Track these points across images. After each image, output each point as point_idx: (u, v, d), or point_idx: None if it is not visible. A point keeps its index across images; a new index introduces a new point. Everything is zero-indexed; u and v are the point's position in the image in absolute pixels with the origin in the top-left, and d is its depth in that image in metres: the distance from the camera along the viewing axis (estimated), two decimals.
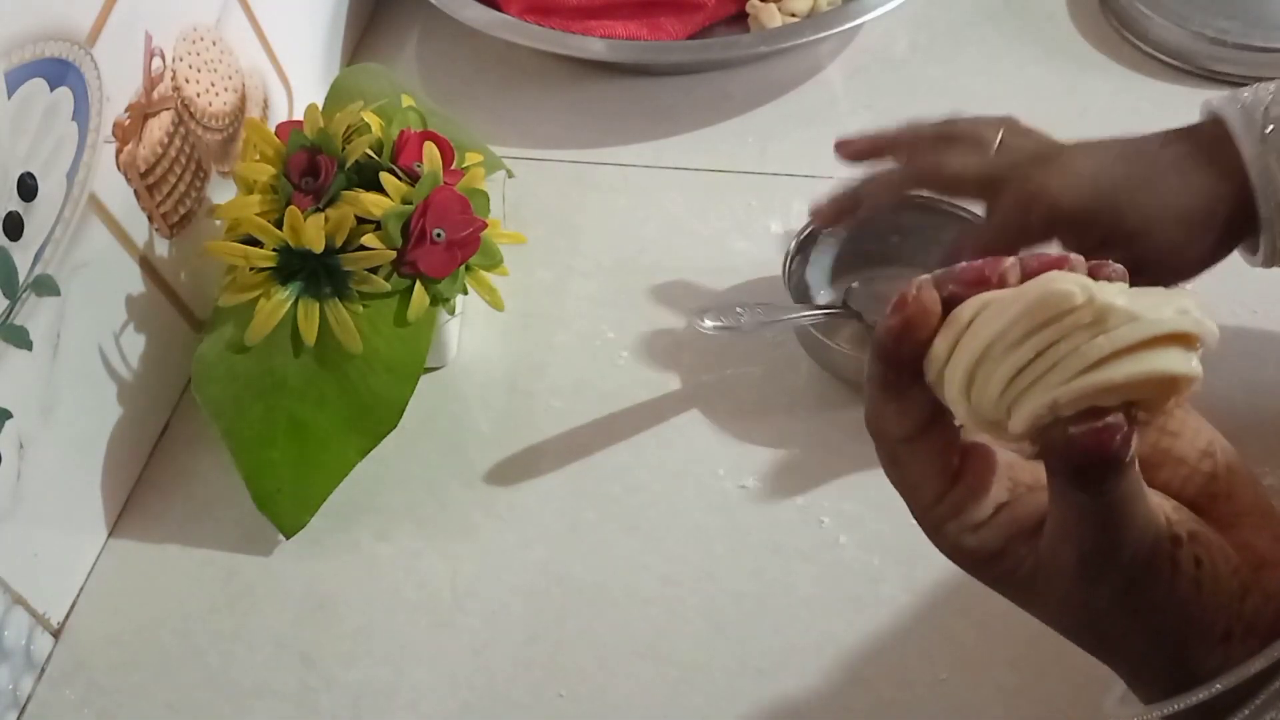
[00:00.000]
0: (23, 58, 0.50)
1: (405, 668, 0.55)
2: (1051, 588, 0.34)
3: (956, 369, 0.32)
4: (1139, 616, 0.34)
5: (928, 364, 0.34)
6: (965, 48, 0.81)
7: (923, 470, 0.35)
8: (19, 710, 0.55)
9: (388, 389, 0.58)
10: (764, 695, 0.53)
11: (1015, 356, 0.31)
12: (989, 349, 0.31)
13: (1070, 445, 0.30)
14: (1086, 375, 0.30)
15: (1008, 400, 0.31)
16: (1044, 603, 0.35)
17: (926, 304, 0.34)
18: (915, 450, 0.35)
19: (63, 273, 0.54)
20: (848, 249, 0.66)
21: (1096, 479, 0.31)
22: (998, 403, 0.31)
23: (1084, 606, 0.34)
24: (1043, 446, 0.31)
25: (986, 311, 0.32)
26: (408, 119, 0.61)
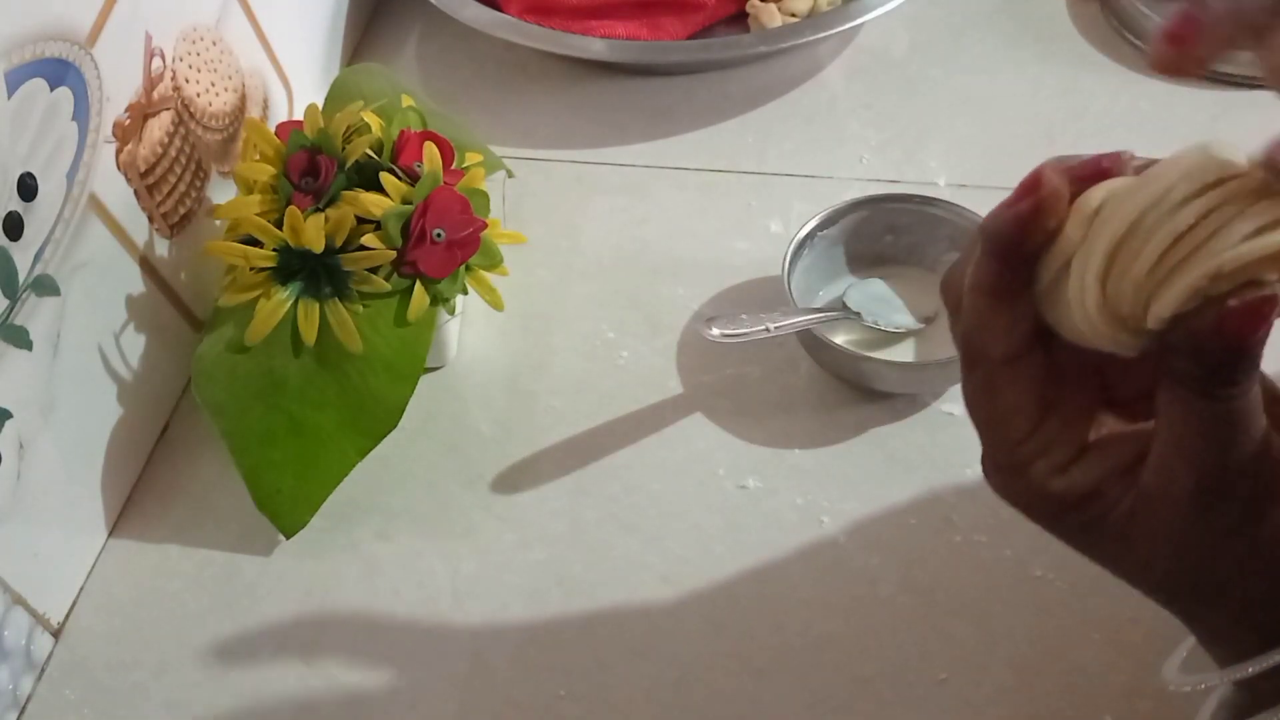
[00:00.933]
0: (23, 58, 0.50)
1: (405, 668, 0.55)
2: (1155, 526, 0.32)
3: (1095, 250, 0.29)
4: (1258, 551, 0.31)
5: (1043, 266, 0.31)
6: (965, 48, 0.81)
7: (1018, 398, 0.33)
8: (19, 710, 0.55)
9: (388, 389, 0.58)
10: (764, 695, 0.53)
11: (1174, 222, 0.28)
12: (1140, 220, 0.28)
13: (1222, 325, 0.28)
14: (1257, 239, 0.27)
15: (1157, 277, 0.28)
16: (1141, 547, 0.32)
17: (1060, 188, 0.31)
18: (1016, 373, 0.33)
19: (63, 273, 0.54)
20: (845, 249, 0.66)
21: (1230, 375, 0.29)
22: (1144, 283, 0.28)
23: (1194, 544, 0.32)
24: (1180, 339, 0.29)
25: (1123, 193, 0.29)
26: (408, 119, 0.61)
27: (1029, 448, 0.33)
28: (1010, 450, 0.34)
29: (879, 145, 0.75)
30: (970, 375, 0.34)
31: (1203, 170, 0.28)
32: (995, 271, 0.32)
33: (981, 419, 0.34)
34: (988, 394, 0.34)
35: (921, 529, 0.57)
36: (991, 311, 0.32)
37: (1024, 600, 0.55)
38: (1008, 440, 0.34)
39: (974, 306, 0.33)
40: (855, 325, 0.63)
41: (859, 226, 0.65)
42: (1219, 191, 0.28)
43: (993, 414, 0.34)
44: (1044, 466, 0.33)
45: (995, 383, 0.33)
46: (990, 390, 0.34)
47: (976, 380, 0.34)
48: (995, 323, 0.33)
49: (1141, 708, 0.51)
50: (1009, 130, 0.75)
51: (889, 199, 0.65)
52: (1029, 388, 0.33)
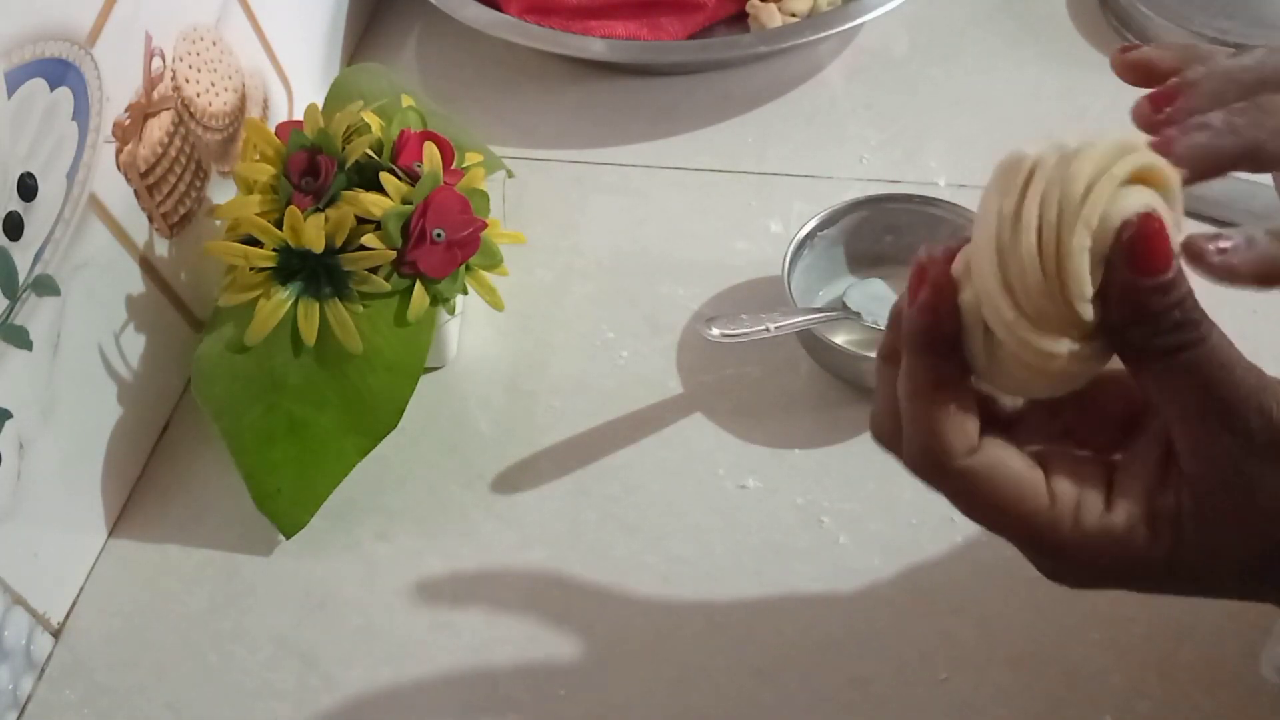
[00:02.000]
0: (23, 58, 0.50)
1: (405, 668, 0.55)
2: (1225, 502, 0.32)
3: (991, 291, 0.31)
4: None
5: (970, 348, 0.33)
6: (965, 48, 0.81)
7: (1015, 479, 0.33)
8: (19, 710, 0.55)
9: (388, 389, 0.58)
10: (764, 695, 0.53)
11: (1023, 226, 0.30)
12: (999, 245, 0.31)
13: (1132, 260, 0.30)
14: (1094, 189, 0.30)
15: (1049, 268, 0.30)
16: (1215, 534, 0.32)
17: (939, 261, 0.33)
18: (991, 460, 0.33)
19: (63, 273, 0.54)
20: (845, 249, 0.66)
21: (1181, 315, 0.30)
22: (1046, 284, 0.31)
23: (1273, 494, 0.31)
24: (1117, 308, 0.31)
25: (976, 240, 0.32)
26: (408, 119, 0.61)
27: (1061, 510, 0.33)
28: (1050, 525, 0.33)
29: (879, 145, 0.75)
30: (951, 489, 0.34)
31: (1006, 176, 0.31)
32: (930, 365, 0.33)
33: (999, 522, 0.34)
34: (983, 495, 0.34)
35: (921, 529, 0.57)
36: (940, 409, 0.33)
37: (1024, 600, 0.55)
38: (1038, 518, 0.33)
39: (920, 415, 0.34)
40: (855, 325, 0.63)
41: (859, 226, 0.65)
42: (1037, 183, 0.31)
43: (1003, 508, 0.34)
44: (1092, 518, 0.33)
45: (979, 479, 0.33)
46: (981, 490, 0.34)
47: (959, 488, 0.34)
48: (948, 421, 0.33)
49: (1141, 708, 0.51)
50: (1009, 130, 0.75)
51: (889, 199, 0.65)
52: (1015, 463, 0.34)
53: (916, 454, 0.35)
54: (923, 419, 0.34)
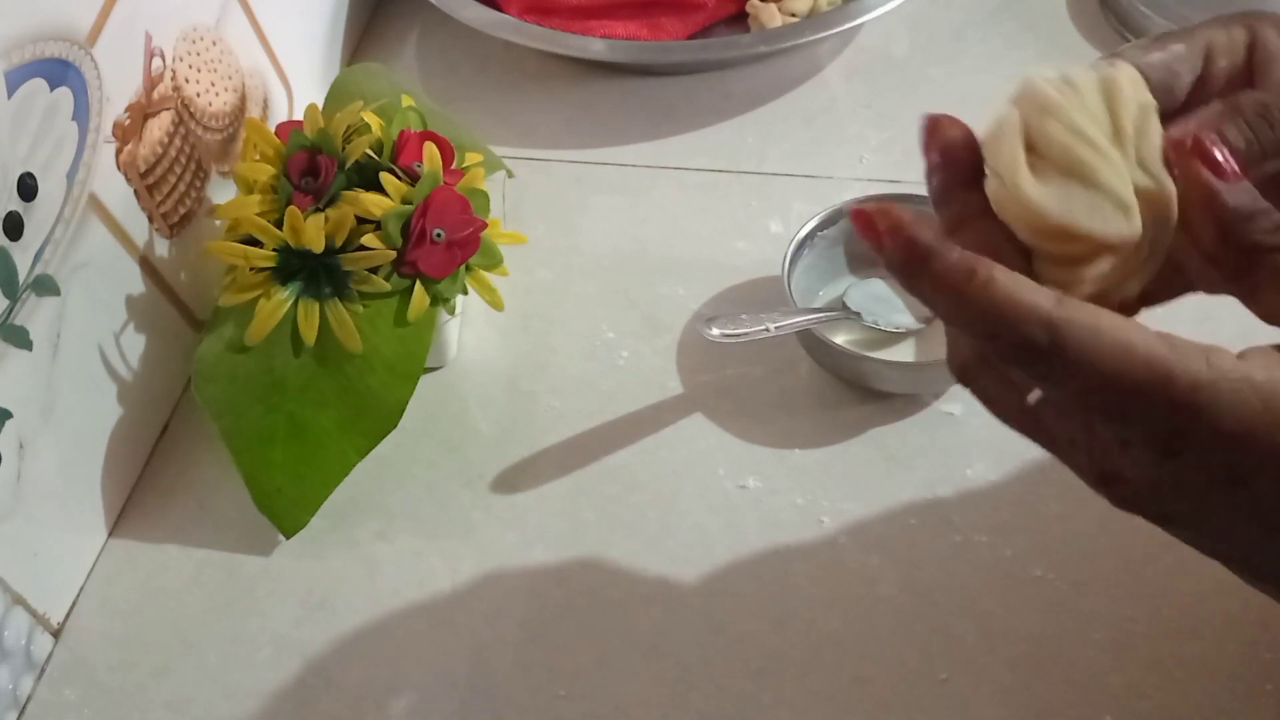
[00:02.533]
0: (23, 58, 0.50)
1: (405, 668, 0.55)
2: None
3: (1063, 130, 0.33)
4: None
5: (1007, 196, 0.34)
6: (965, 48, 0.81)
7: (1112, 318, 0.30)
8: (19, 710, 0.55)
9: (388, 389, 0.58)
10: (764, 695, 0.53)
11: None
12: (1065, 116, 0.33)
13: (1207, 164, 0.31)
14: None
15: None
16: None
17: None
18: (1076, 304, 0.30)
19: (63, 273, 0.54)
20: (845, 249, 0.66)
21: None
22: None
23: None
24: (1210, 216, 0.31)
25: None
26: (408, 119, 0.61)
27: (1187, 351, 0.30)
28: (1182, 364, 0.29)
29: (879, 145, 0.75)
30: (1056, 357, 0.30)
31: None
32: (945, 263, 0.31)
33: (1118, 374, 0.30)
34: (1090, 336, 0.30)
35: (921, 529, 0.57)
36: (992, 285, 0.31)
37: (1024, 600, 0.55)
38: (1165, 358, 0.29)
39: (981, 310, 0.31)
40: (855, 325, 0.63)
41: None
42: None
43: (1120, 348, 0.30)
44: (1227, 361, 0.29)
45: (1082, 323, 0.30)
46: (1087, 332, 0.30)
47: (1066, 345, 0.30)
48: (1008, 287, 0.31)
49: (1141, 708, 0.51)
50: None
51: (889, 199, 0.65)
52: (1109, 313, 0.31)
53: (1009, 349, 0.31)
54: (988, 307, 0.31)
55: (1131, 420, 0.31)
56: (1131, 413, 0.30)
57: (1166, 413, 0.30)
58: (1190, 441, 0.30)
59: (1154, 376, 0.29)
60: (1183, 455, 0.31)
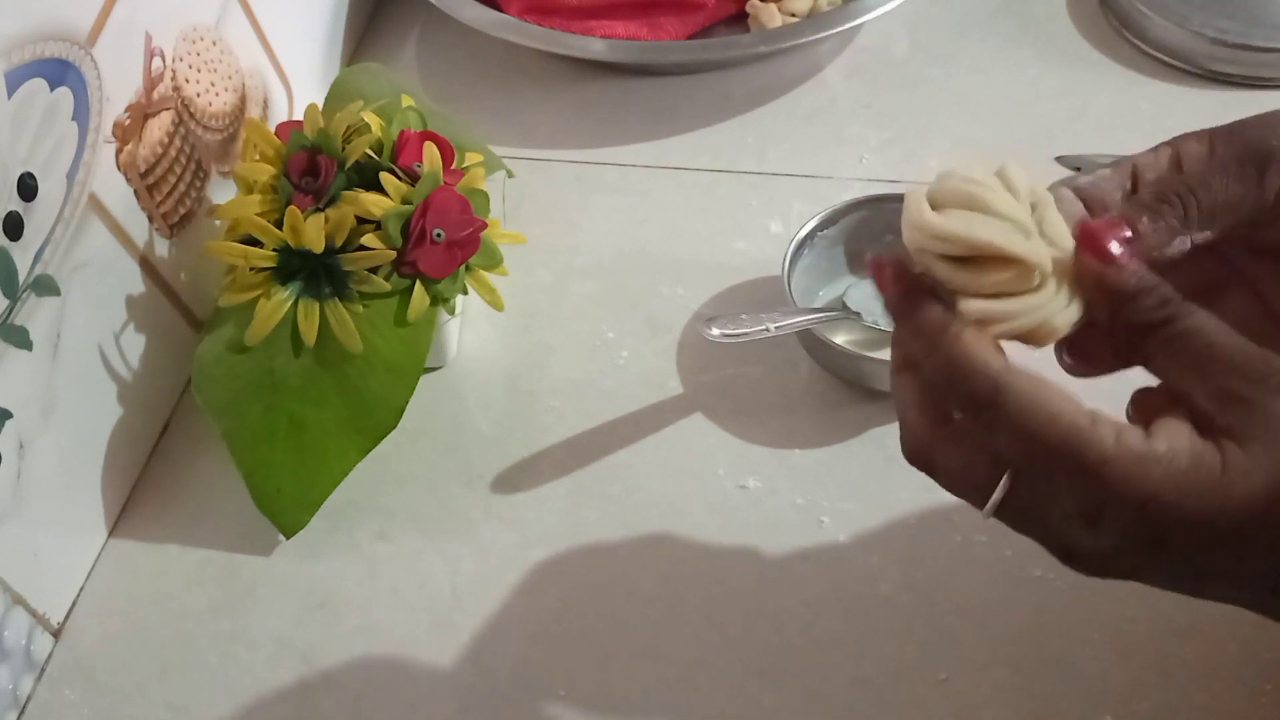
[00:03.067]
0: (23, 58, 0.50)
1: (405, 668, 0.55)
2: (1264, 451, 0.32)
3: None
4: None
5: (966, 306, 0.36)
6: (965, 48, 0.81)
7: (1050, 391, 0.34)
8: (19, 710, 0.55)
9: (388, 389, 0.58)
10: (764, 695, 0.53)
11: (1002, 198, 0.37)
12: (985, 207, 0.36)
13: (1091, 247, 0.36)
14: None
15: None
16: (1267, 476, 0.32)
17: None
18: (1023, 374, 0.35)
19: (63, 273, 0.54)
20: (845, 249, 0.66)
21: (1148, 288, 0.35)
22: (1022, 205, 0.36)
23: None
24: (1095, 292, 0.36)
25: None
26: (408, 119, 0.61)
27: (1104, 429, 0.33)
28: (1095, 439, 0.33)
29: (879, 145, 0.75)
30: (993, 412, 0.35)
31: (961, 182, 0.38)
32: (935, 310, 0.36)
33: (1041, 441, 0.34)
34: (1024, 410, 0.34)
35: (921, 529, 0.57)
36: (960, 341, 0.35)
37: (1024, 600, 0.55)
38: (1081, 434, 0.33)
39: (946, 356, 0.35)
40: (855, 325, 0.63)
41: (859, 226, 0.65)
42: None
43: (1046, 423, 0.34)
44: (1135, 438, 0.33)
45: (1019, 393, 0.34)
46: (1022, 404, 0.34)
47: (1005, 404, 0.34)
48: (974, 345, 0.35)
49: (1141, 708, 0.51)
50: (1009, 130, 0.75)
51: (889, 199, 0.65)
52: (1050, 387, 0.35)
53: (960, 398, 0.36)
54: (952, 357, 0.35)
55: (1056, 485, 0.35)
56: (1055, 476, 0.35)
57: (1082, 481, 0.34)
58: (1107, 511, 0.34)
59: (1070, 444, 0.33)
60: (1103, 524, 0.34)
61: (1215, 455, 0.33)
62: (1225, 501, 0.33)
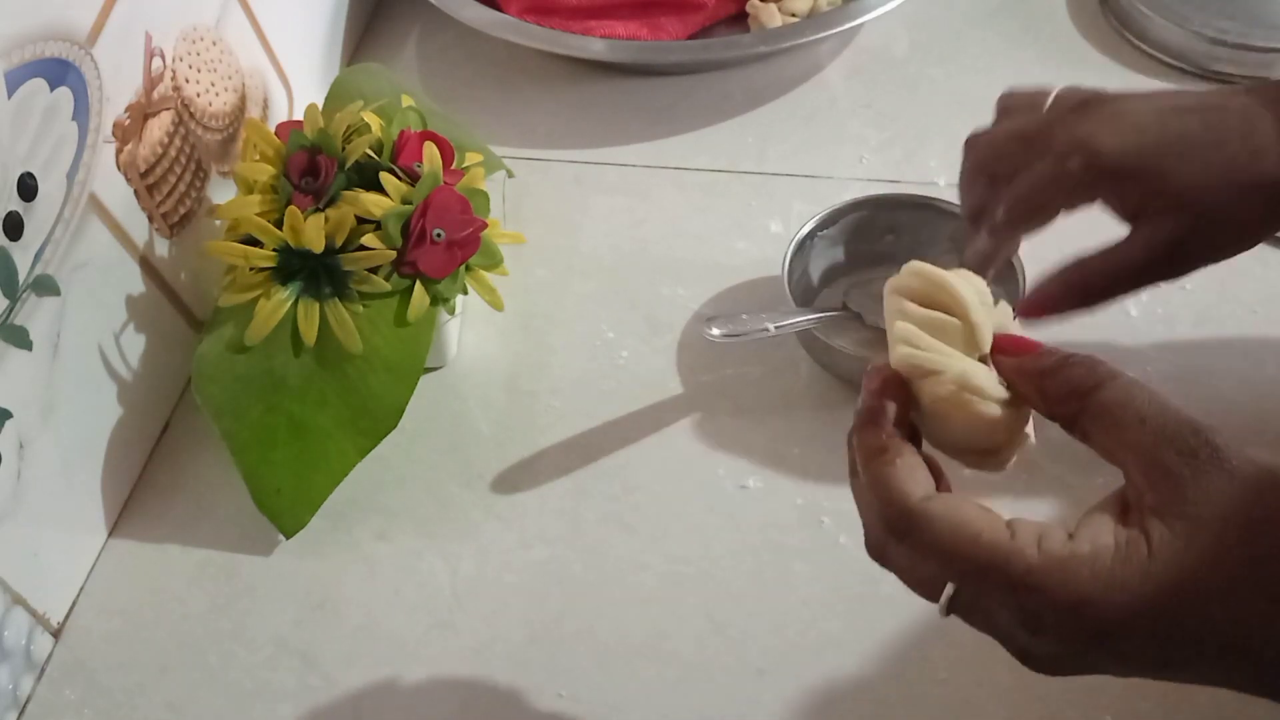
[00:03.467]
0: (23, 58, 0.50)
1: (405, 668, 0.55)
2: (1192, 526, 0.32)
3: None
4: None
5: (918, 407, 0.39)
6: (965, 48, 0.81)
7: (967, 510, 0.35)
8: (19, 710, 0.55)
9: (388, 389, 0.58)
10: (764, 695, 0.53)
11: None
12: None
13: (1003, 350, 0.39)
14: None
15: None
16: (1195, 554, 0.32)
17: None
18: (943, 498, 0.36)
19: (63, 273, 0.54)
20: (845, 249, 0.66)
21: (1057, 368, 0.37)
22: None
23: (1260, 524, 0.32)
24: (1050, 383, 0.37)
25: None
26: (408, 119, 0.61)
27: (1023, 540, 0.34)
28: (1015, 551, 0.34)
29: (879, 145, 0.75)
30: (914, 539, 0.36)
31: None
32: (874, 434, 0.38)
33: (964, 562, 0.35)
34: (944, 535, 0.35)
35: None
36: (890, 466, 0.36)
37: None
38: (1000, 549, 0.34)
39: (876, 478, 0.37)
40: (855, 326, 0.63)
41: (859, 226, 0.65)
42: None
43: (967, 544, 0.34)
44: (1056, 543, 0.34)
45: (938, 519, 0.35)
46: (942, 529, 0.35)
47: (921, 534, 0.35)
48: (900, 473, 0.36)
49: (1141, 708, 0.51)
50: None
51: (889, 199, 0.66)
52: (970, 505, 0.35)
53: (878, 518, 0.37)
54: (878, 479, 0.36)
55: (989, 597, 0.35)
56: (985, 590, 0.35)
57: (1012, 595, 0.34)
58: (1043, 618, 0.34)
59: (994, 562, 0.34)
60: (1045, 631, 0.34)
61: (1140, 544, 0.33)
62: (1156, 590, 0.32)
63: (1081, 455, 0.37)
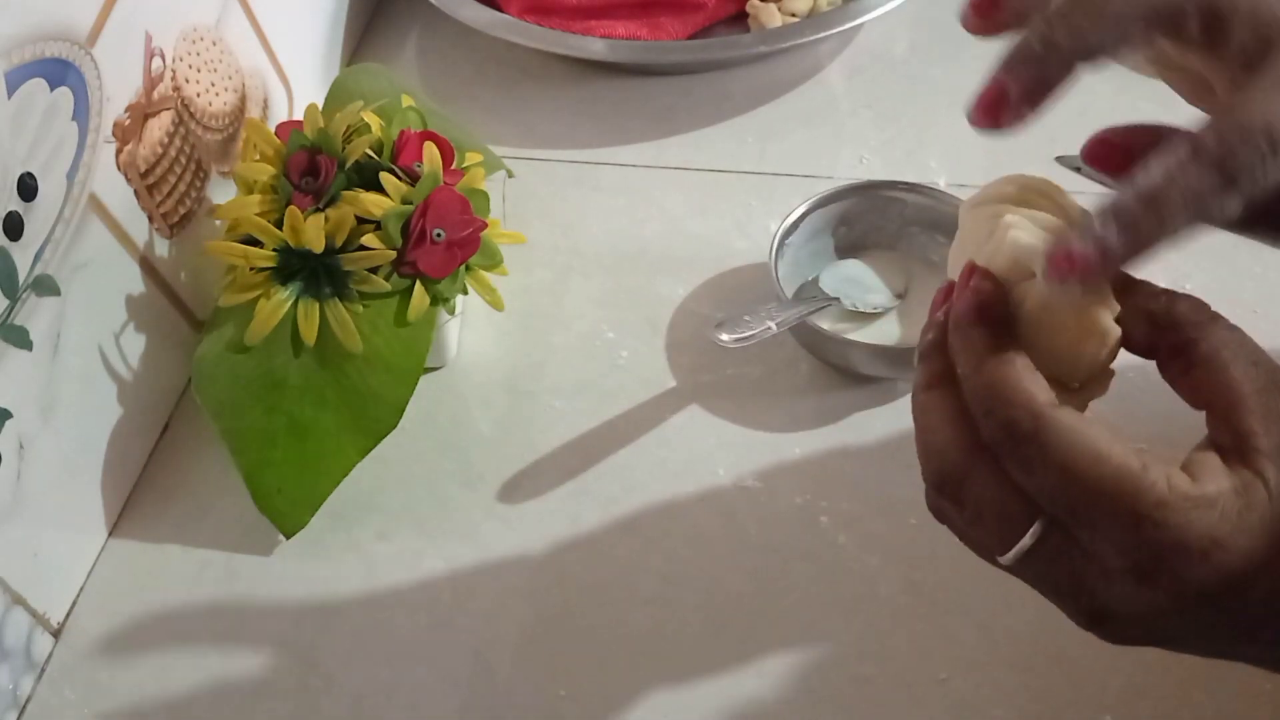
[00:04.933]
0: (23, 58, 0.50)
1: (405, 668, 0.55)
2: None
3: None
4: None
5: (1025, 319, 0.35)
6: (965, 48, 0.81)
7: (1097, 429, 0.32)
8: (19, 710, 0.55)
9: (388, 389, 0.58)
10: (764, 695, 0.53)
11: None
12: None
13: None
14: None
15: None
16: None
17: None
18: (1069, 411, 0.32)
19: (63, 273, 0.54)
20: (834, 237, 0.67)
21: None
22: None
23: None
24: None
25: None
26: (408, 119, 0.61)
27: (1155, 474, 0.31)
28: (1150, 484, 0.31)
29: (879, 145, 0.75)
30: (1040, 450, 0.32)
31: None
32: (989, 334, 0.33)
33: (1093, 482, 0.31)
34: (1075, 450, 0.31)
35: (921, 529, 0.57)
36: (1010, 367, 0.33)
37: (1024, 600, 0.54)
38: (1133, 478, 0.31)
39: (992, 381, 0.33)
40: (837, 312, 0.64)
41: (847, 215, 0.66)
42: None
43: (1098, 462, 0.31)
44: (1184, 483, 0.31)
45: (1068, 431, 0.32)
46: (1073, 444, 0.31)
47: (1048, 446, 0.32)
48: (1023, 376, 0.33)
49: (1141, 708, 0.51)
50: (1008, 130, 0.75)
51: (879, 185, 0.66)
52: (1098, 425, 0.32)
53: (997, 426, 0.32)
54: (997, 381, 0.33)
55: (1101, 535, 0.32)
56: (1100, 524, 0.32)
57: (1134, 530, 0.31)
58: (1165, 560, 0.31)
59: (1121, 488, 0.31)
60: (1159, 577, 0.31)
61: (1258, 487, 0.31)
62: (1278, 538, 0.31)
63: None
